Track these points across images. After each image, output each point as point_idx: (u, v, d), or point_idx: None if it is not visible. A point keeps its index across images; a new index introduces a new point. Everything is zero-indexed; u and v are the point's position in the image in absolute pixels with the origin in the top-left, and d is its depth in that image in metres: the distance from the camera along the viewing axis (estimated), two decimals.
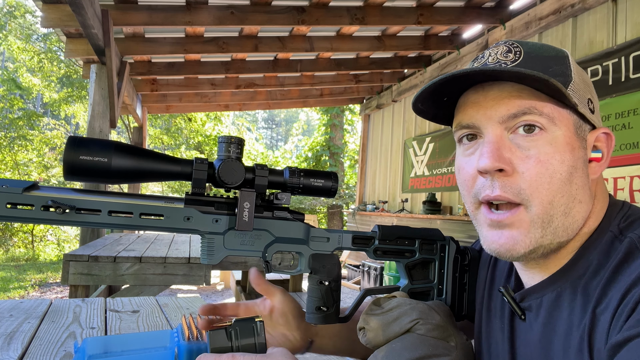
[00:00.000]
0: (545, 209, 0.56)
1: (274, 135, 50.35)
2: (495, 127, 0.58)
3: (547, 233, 0.57)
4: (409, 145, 7.02)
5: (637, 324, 0.46)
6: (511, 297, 0.65)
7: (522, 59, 0.58)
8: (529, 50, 0.59)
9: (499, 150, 0.57)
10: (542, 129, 0.56)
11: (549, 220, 0.57)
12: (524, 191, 0.57)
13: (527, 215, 0.57)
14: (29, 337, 1.13)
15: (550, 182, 0.56)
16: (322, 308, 0.77)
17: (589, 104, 0.59)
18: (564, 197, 0.56)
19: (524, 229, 0.58)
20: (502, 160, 0.57)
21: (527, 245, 0.58)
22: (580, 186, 0.58)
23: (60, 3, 4.02)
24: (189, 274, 3.55)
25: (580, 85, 0.59)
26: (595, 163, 0.60)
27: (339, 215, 14.14)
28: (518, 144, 0.57)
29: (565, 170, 0.56)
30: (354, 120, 14.99)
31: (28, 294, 6.92)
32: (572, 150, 0.57)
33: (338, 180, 0.78)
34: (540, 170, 0.56)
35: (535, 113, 0.56)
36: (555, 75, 0.57)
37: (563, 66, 0.59)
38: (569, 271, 0.59)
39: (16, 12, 14.98)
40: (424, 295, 0.81)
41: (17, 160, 12.17)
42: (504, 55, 0.59)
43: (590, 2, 3.84)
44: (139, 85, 6.77)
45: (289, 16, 4.61)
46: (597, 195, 0.61)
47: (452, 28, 5.70)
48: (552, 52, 0.60)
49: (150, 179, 0.68)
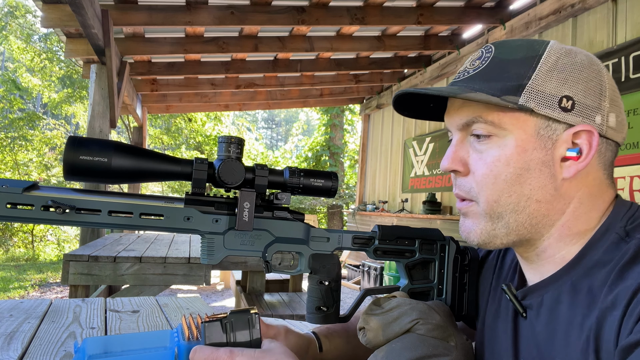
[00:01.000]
0: (491, 206, 0.62)
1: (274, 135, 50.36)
2: (457, 133, 0.66)
3: (499, 227, 0.63)
4: (409, 145, 7.02)
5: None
6: (513, 294, 0.66)
7: (485, 66, 0.63)
8: (498, 55, 0.63)
9: (456, 154, 0.65)
10: (489, 134, 0.62)
11: (497, 216, 0.63)
12: (473, 189, 0.64)
13: (478, 209, 0.64)
14: (29, 337, 1.13)
15: (494, 183, 0.61)
16: (322, 308, 0.77)
17: (561, 103, 0.58)
18: (511, 196, 0.61)
19: (476, 220, 0.65)
20: (455, 163, 0.65)
21: (479, 234, 0.65)
22: (537, 187, 0.60)
23: (60, 3, 4.02)
24: (189, 274, 3.55)
25: (547, 84, 0.59)
26: (571, 162, 0.59)
27: (339, 215, 14.14)
28: (474, 147, 0.64)
29: (511, 172, 0.60)
30: (354, 120, 14.99)
31: (28, 294, 6.93)
32: (523, 152, 0.60)
33: (338, 180, 0.78)
34: (485, 171, 0.62)
35: (480, 121, 0.62)
36: (507, 79, 0.60)
37: (525, 67, 0.60)
38: (570, 270, 0.60)
39: (16, 12, 14.97)
40: (424, 295, 0.81)
41: (17, 160, 12.17)
42: (472, 62, 0.65)
43: (590, 2, 3.84)
44: (139, 85, 6.77)
45: (289, 16, 4.61)
46: (583, 195, 0.61)
47: (452, 28, 5.70)
48: (522, 53, 0.61)
49: (150, 179, 0.68)
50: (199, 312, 1.28)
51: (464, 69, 0.66)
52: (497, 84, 0.60)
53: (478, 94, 0.59)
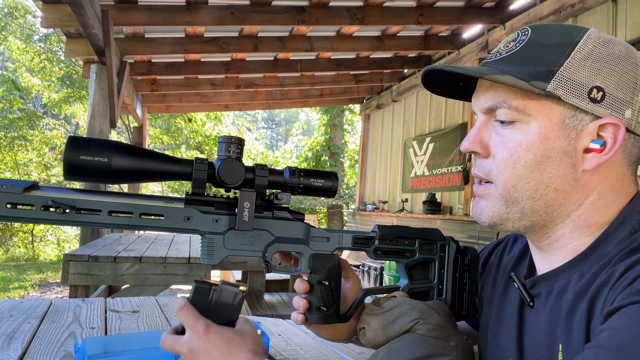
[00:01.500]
0: (508, 190, 0.62)
1: (274, 135, 50.36)
2: (481, 116, 0.66)
3: (513, 211, 0.63)
4: (409, 145, 7.02)
5: (632, 295, 0.48)
6: (522, 283, 0.66)
7: (519, 48, 0.62)
8: (535, 38, 0.62)
9: (477, 135, 0.66)
10: (513, 120, 0.61)
11: (513, 201, 0.63)
12: (492, 172, 0.64)
13: (495, 192, 0.64)
14: (29, 337, 1.13)
15: (514, 168, 0.61)
16: (322, 308, 0.77)
17: (591, 93, 0.57)
18: (529, 183, 0.61)
19: (491, 202, 0.65)
20: (475, 144, 0.65)
21: (491, 215, 0.65)
22: (556, 176, 0.60)
23: (60, 3, 4.02)
24: (189, 274, 3.55)
25: (579, 72, 0.57)
26: (594, 154, 0.58)
27: (339, 215, 14.14)
28: (497, 131, 0.64)
29: (532, 158, 0.60)
30: (354, 120, 14.99)
31: (28, 294, 6.93)
32: (545, 140, 0.59)
33: (338, 180, 0.78)
34: (506, 156, 0.62)
35: (504, 107, 0.62)
36: (539, 64, 0.59)
37: (558, 54, 0.58)
38: (582, 261, 0.60)
39: (16, 13, 14.96)
40: (424, 295, 0.81)
41: (17, 160, 12.17)
42: (507, 44, 0.64)
43: (590, 2, 3.84)
44: (139, 85, 6.77)
45: (289, 16, 4.61)
46: (604, 188, 0.60)
47: (452, 28, 5.70)
48: (558, 39, 0.60)
49: (150, 179, 0.68)
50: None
51: (497, 50, 0.65)
52: (527, 68, 0.59)
53: (506, 77, 0.59)
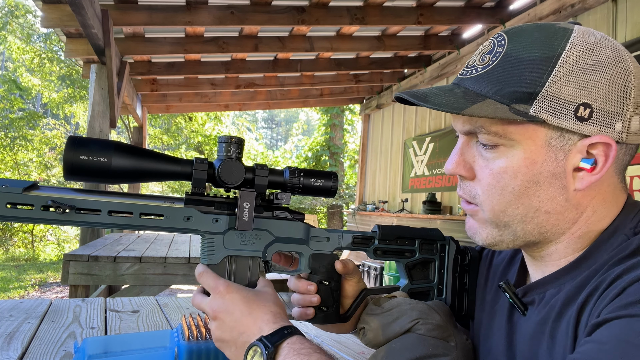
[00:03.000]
0: (497, 216, 0.60)
1: (274, 135, 50.33)
2: (463, 136, 0.63)
3: (506, 234, 0.61)
4: (409, 145, 7.02)
5: (620, 309, 0.47)
6: (513, 292, 0.65)
7: (496, 63, 0.57)
8: (512, 50, 0.57)
9: (460, 157, 0.62)
10: (495, 143, 0.58)
11: (504, 225, 0.61)
12: (479, 196, 0.62)
13: (482, 215, 0.62)
14: (29, 337, 1.13)
15: (501, 195, 0.59)
16: (322, 308, 0.77)
17: (578, 112, 0.53)
18: (518, 208, 0.59)
19: (481, 224, 0.64)
20: (459, 168, 0.62)
21: (484, 238, 0.63)
22: (546, 199, 0.57)
23: (60, 3, 4.02)
24: (189, 274, 3.55)
25: (564, 89, 0.53)
26: (585, 173, 0.56)
27: (339, 215, 14.13)
28: (481, 153, 0.61)
29: (519, 184, 0.57)
30: (354, 120, 14.98)
31: (28, 294, 6.92)
32: (532, 164, 0.56)
33: (338, 180, 0.78)
34: (492, 182, 0.59)
35: (483, 132, 0.58)
36: (518, 84, 0.54)
37: (540, 70, 0.54)
38: (574, 269, 0.59)
39: (17, 12, 14.95)
40: (424, 295, 0.81)
41: (17, 160, 12.16)
42: (482, 57, 0.60)
43: (590, 2, 3.84)
44: (139, 85, 6.77)
45: (289, 16, 4.61)
46: (597, 203, 0.58)
47: (452, 28, 5.70)
48: (537, 51, 0.55)
49: (150, 179, 0.68)
50: (199, 312, 1.28)
51: (472, 64, 0.61)
52: (506, 88, 0.55)
53: (483, 108, 0.54)
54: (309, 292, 0.76)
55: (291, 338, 0.60)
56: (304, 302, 0.76)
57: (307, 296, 0.76)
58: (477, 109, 0.55)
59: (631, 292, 0.47)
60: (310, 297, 0.76)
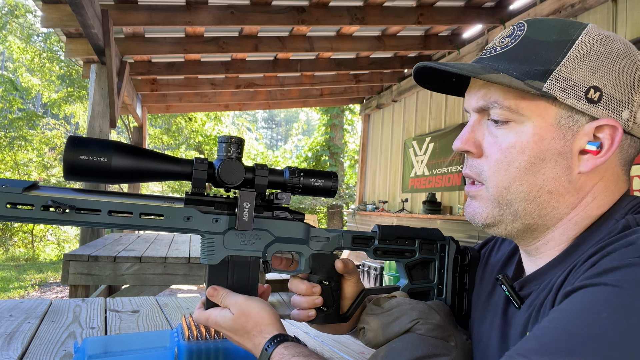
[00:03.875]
0: (501, 192, 0.61)
1: (274, 135, 50.33)
2: (474, 114, 0.65)
3: (507, 213, 0.62)
4: (409, 145, 7.02)
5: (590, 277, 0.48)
6: (510, 285, 0.65)
7: (514, 45, 0.60)
8: (531, 34, 0.60)
9: (470, 134, 0.64)
10: (506, 119, 0.60)
11: (506, 203, 0.61)
12: (484, 173, 0.63)
13: (486, 193, 0.63)
14: (29, 337, 1.13)
15: (507, 170, 0.60)
16: (322, 308, 0.77)
17: (588, 94, 0.56)
18: (523, 185, 0.59)
19: (483, 204, 0.64)
20: (468, 144, 0.64)
21: (484, 217, 0.64)
22: (550, 177, 0.58)
23: (60, 3, 4.02)
24: (189, 274, 3.55)
25: (576, 72, 0.56)
26: (590, 155, 0.57)
27: (339, 215, 14.13)
28: (490, 130, 0.62)
29: (526, 160, 0.59)
30: (354, 120, 14.97)
31: (28, 294, 6.92)
32: (540, 141, 0.58)
33: (338, 180, 0.78)
34: (499, 157, 0.60)
35: (496, 107, 0.60)
36: (534, 63, 0.57)
37: (555, 52, 0.57)
38: (567, 256, 0.60)
39: (17, 12, 14.94)
40: (424, 295, 0.81)
41: (17, 160, 12.16)
42: (502, 40, 0.63)
43: (590, 2, 3.84)
44: (139, 85, 6.77)
45: (289, 16, 4.61)
46: (598, 189, 0.59)
47: (452, 28, 5.70)
48: (554, 35, 0.58)
49: (150, 178, 0.68)
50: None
51: (492, 46, 0.63)
52: (522, 66, 0.57)
53: (500, 75, 0.57)
54: (313, 294, 0.76)
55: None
56: (308, 304, 0.76)
57: (311, 298, 0.76)
58: (494, 77, 0.57)
59: (603, 263, 0.49)
60: (314, 299, 0.76)
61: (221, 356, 0.85)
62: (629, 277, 0.45)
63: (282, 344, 0.64)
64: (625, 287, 0.44)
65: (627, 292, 0.44)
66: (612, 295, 0.44)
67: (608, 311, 0.43)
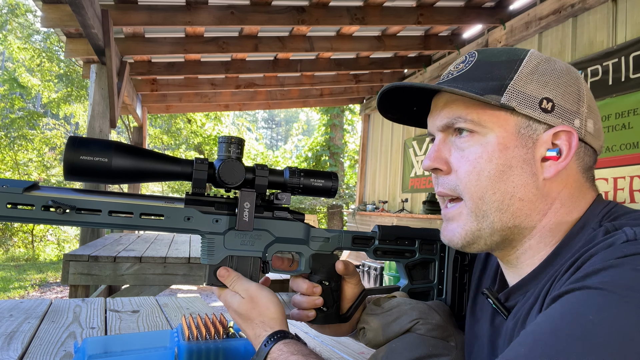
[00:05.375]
0: (476, 203, 0.62)
1: (274, 135, 50.33)
2: (438, 134, 0.67)
3: (484, 226, 0.63)
4: (409, 145, 7.02)
5: (574, 282, 0.49)
6: (496, 298, 0.66)
7: (469, 68, 0.65)
8: (481, 58, 0.65)
9: (437, 152, 0.66)
10: (471, 132, 0.63)
11: (482, 215, 0.63)
12: (458, 187, 0.64)
13: (465, 209, 0.64)
14: (29, 337, 1.13)
15: (478, 179, 0.62)
16: (323, 308, 0.77)
17: (542, 104, 0.60)
18: (495, 193, 0.61)
19: (462, 222, 0.65)
20: (437, 161, 0.65)
21: (463, 236, 0.64)
22: (519, 185, 0.61)
23: (60, 3, 4.02)
24: (189, 274, 3.55)
25: (528, 86, 0.61)
26: (551, 162, 0.61)
27: (339, 215, 14.13)
28: (456, 146, 0.65)
29: (494, 168, 0.61)
30: (354, 120, 14.97)
31: (28, 294, 6.92)
32: (504, 149, 0.61)
33: (338, 180, 0.78)
34: (469, 168, 0.62)
35: (460, 121, 0.63)
36: (490, 79, 0.61)
37: (507, 70, 0.62)
38: (548, 265, 0.61)
39: (17, 12, 14.93)
40: (424, 295, 0.81)
41: (17, 160, 12.16)
42: (457, 65, 0.67)
43: (590, 2, 3.84)
44: (139, 85, 6.77)
45: (289, 16, 4.61)
46: (564, 195, 0.62)
47: (452, 28, 5.70)
48: (504, 57, 0.63)
49: (151, 179, 0.68)
50: (199, 312, 1.28)
51: (447, 72, 0.67)
52: (479, 83, 0.61)
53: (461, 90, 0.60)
54: (314, 294, 0.76)
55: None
56: (308, 304, 0.76)
57: (312, 298, 0.76)
58: (455, 89, 0.61)
59: (585, 267, 0.50)
60: (314, 299, 0.76)
61: (221, 356, 0.85)
62: (611, 279, 0.46)
63: (282, 341, 0.65)
64: (609, 289, 0.45)
65: (611, 293, 0.45)
66: (597, 297, 0.45)
67: (593, 313, 0.43)
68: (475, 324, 0.73)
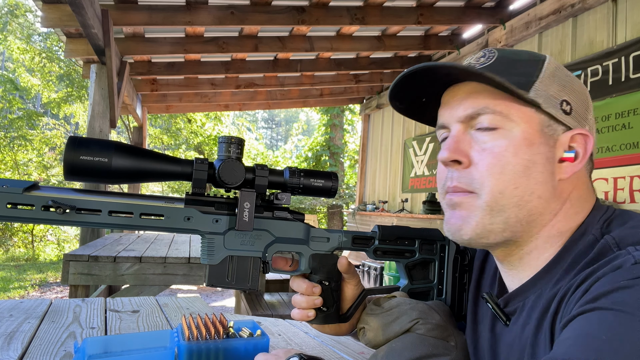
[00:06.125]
0: (495, 197, 0.60)
1: (274, 135, 50.33)
2: (458, 125, 0.64)
3: (497, 221, 0.60)
4: (409, 145, 7.02)
5: (585, 304, 0.48)
6: (495, 303, 0.66)
7: (491, 62, 0.63)
8: (503, 55, 0.63)
9: (457, 144, 0.63)
10: (496, 125, 0.61)
11: (499, 209, 0.60)
12: (476, 181, 0.61)
13: (476, 202, 0.61)
14: (29, 337, 1.13)
15: (501, 173, 0.59)
16: (323, 308, 0.77)
17: (562, 105, 0.61)
18: (517, 188, 0.59)
19: (471, 212, 0.62)
20: (457, 153, 0.62)
21: (473, 228, 0.61)
22: (540, 182, 0.60)
23: (60, 3, 4.02)
24: (189, 274, 3.55)
25: (551, 87, 0.61)
26: (567, 163, 0.61)
27: (339, 215, 14.13)
28: (477, 139, 0.62)
29: (520, 162, 0.59)
30: (354, 120, 14.97)
31: (28, 294, 6.92)
32: (530, 145, 0.60)
33: (338, 180, 0.78)
34: (492, 161, 0.60)
35: (487, 112, 0.61)
36: (516, 75, 0.60)
37: (532, 68, 0.61)
38: (549, 272, 0.60)
39: (17, 12, 14.93)
40: (424, 295, 0.81)
41: (17, 160, 12.16)
42: (477, 59, 0.65)
43: (590, 2, 3.84)
44: (139, 85, 6.77)
45: (289, 16, 4.61)
46: (574, 197, 0.62)
47: (452, 28, 5.70)
48: (526, 56, 0.63)
49: (151, 179, 0.68)
50: (199, 312, 1.28)
51: (468, 64, 0.64)
52: (506, 77, 0.59)
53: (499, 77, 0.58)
54: (313, 294, 0.76)
55: None
56: (308, 303, 0.76)
57: (311, 297, 0.76)
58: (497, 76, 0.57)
59: (595, 289, 0.49)
60: (314, 299, 0.76)
61: (221, 356, 0.85)
62: (623, 300, 0.46)
63: None
64: (622, 309, 0.45)
65: (623, 313, 0.44)
66: (609, 317, 0.45)
67: (606, 333, 0.43)
68: (476, 327, 0.73)
